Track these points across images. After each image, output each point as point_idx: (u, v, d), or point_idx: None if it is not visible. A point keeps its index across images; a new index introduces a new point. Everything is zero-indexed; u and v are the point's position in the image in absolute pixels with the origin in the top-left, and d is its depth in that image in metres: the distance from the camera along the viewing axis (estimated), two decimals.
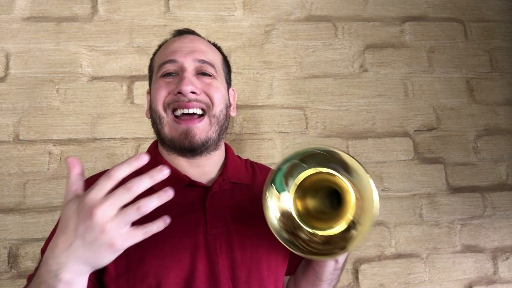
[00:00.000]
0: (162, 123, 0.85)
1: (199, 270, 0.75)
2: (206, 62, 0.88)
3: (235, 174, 0.91)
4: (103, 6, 1.52)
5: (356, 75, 1.64)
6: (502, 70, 1.73)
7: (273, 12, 1.63)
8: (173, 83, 0.84)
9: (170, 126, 0.84)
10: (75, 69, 1.47)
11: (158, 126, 0.86)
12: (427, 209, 1.59)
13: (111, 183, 0.57)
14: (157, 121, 0.86)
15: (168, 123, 0.84)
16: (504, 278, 1.58)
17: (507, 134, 1.69)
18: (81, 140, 1.43)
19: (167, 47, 0.90)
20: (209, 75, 0.88)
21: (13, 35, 1.46)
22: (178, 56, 0.86)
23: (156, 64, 0.91)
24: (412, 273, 1.53)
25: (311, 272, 0.84)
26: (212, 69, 0.88)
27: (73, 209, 0.57)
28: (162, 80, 0.86)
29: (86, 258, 0.57)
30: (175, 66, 0.86)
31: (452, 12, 1.75)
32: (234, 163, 0.95)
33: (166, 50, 0.90)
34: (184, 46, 0.88)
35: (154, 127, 0.89)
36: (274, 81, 1.58)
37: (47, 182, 1.38)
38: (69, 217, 0.57)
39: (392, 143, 1.61)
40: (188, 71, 0.85)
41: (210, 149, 0.87)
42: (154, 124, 0.88)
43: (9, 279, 1.31)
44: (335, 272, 0.83)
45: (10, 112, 1.41)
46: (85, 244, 0.56)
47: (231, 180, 0.89)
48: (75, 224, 0.56)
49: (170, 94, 0.84)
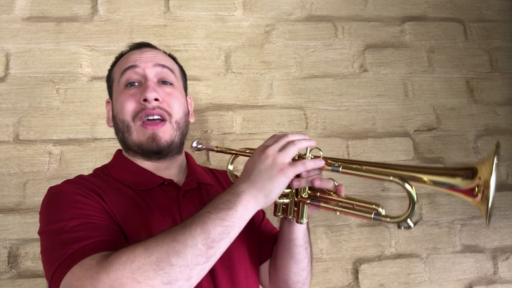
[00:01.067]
0: (130, 130, 0.92)
1: None
2: (166, 67, 0.96)
3: (200, 175, 1.01)
4: (103, 6, 1.52)
5: (356, 75, 1.64)
6: (502, 70, 1.73)
7: (273, 12, 1.63)
8: (137, 93, 0.92)
9: (138, 132, 0.91)
10: (75, 69, 1.47)
11: (126, 134, 0.93)
12: (427, 209, 1.59)
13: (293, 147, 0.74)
14: (124, 130, 0.93)
15: (135, 129, 0.91)
16: (504, 278, 1.58)
17: (507, 134, 1.69)
18: (81, 140, 1.43)
19: (127, 58, 0.97)
20: (170, 83, 0.96)
21: (13, 35, 1.46)
22: (139, 62, 0.94)
23: (116, 73, 0.97)
24: (412, 273, 1.53)
25: (287, 244, 0.90)
26: (172, 76, 0.97)
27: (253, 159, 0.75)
28: (126, 91, 0.93)
29: (262, 185, 0.71)
30: (137, 74, 0.93)
31: (452, 12, 1.75)
32: (196, 167, 1.05)
33: (126, 60, 0.97)
34: (143, 55, 0.96)
35: (119, 135, 0.96)
36: (274, 81, 1.58)
37: (47, 182, 1.37)
38: (250, 162, 0.75)
39: (392, 143, 1.61)
40: (150, 79, 0.93)
41: (173, 152, 0.96)
42: (120, 132, 0.95)
43: (9, 279, 1.31)
44: (306, 232, 0.92)
45: (10, 112, 1.41)
46: (261, 172, 0.72)
47: (198, 180, 0.99)
48: (253, 163, 0.74)
49: (137, 103, 0.91)
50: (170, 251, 0.61)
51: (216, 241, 0.64)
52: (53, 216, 0.77)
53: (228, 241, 0.67)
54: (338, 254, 1.51)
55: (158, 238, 0.64)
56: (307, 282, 0.97)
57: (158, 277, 0.59)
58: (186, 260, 0.61)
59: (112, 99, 1.00)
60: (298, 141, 0.76)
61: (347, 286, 1.49)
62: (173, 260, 0.60)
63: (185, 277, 0.61)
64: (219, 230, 0.65)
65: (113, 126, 1.00)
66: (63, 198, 0.80)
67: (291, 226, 0.88)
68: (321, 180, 0.77)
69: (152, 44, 1.04)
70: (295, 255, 0.91)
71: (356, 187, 1.56)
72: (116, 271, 0.60)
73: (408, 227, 0.70)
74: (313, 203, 0.80)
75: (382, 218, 0.72)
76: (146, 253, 0.61)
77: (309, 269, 0.96)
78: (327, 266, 1.49)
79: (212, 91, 1.54)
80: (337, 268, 1.50)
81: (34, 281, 1.32)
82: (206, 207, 0.69)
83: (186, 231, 0.63)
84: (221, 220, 0.65)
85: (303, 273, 0.94)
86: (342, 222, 1.53)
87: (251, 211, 0.70)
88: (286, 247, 0.91)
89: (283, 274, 0.94)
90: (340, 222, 1.53)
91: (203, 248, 0.63)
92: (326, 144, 1.56)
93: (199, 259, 0.62)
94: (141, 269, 0.59)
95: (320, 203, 0.80)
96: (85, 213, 0.76)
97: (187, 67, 1.53)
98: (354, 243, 1.52)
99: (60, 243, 0.70)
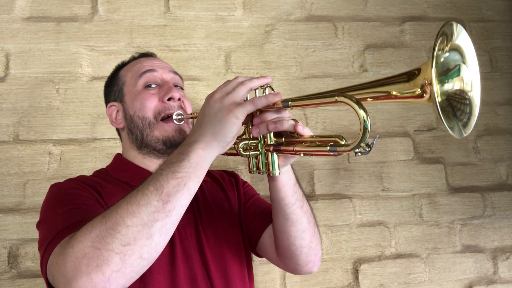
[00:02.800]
0: (152, 127, 0.95)
1: (177, 253, 0.87)
2: (178, 74, 1.05)
3: None
4: (103, 6, 1.52)
5: (356, 75, 1.64)
6: (502, 70, 1.73)
7: (273, 12, 1.63)
8: (158, 94, 0.97)
9: (162, 127, 0.95)
10: (75, 69, 1.47)
11: (146, 131, 0.96)
12: (427, 209, 1.59)
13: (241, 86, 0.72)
14: (145, 127, 0.96)
15: (159, 126, 0.95)
16: (504, 278, 1.58)
17: (507, 134, 1.69)
18: (81, 140, 1.43)
19: (140, 63, 1.03)
20: (181, 88, 1.05)
21: (13, 35, 1.46)
22: (156, 67, 1.01)
23: (130, 77, 1.01)
24: (412, 273, 1.53)
25: (277, 205, 0.86)
26: (182, 82, 1.07)
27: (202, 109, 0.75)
28: (147, 91, 0.97)
29: (213, 130, 0.70)
30: (155, 77, 0.99)
31: (452, 12, 1.75)
32: None
33: (140, 64, 1.02)
34: (156, 62, 1.04)
35: (134, 133, 0.98)
36: (274, 81, 1.58)
37: (47, 182, 1.37)
38: (201, 111, 0.74)
39: (392, 143, 1.61)
40: (170, 82, 1.00)
41: None
42: (137, 130, 0.97)
43: (9, 279, 1.31)
44: (296, 188, 0.86)
45: (10, 112, 1.41)
46: (211, 117, 0.71)
47: None
48: (203, 110, 0.73)
49: (159, 102, 0.96)
50: (124, 213, 0.62)
51: (172, 194, 0.64)
52: (46, 208, 0.83)
53: (187, 192, 0.66)
54: (338, 254, 1.51)
55: (114, 206, 0.65)
56: (314, 246, 0.91)
57: (116, 241, 0.60)
58: (141, 219, 0.62)
59: (121, 100, 1.02)
60: (249, 80, 0.73)
61: (347, 286, 1.49)
62: (128, 221, 0.62)
63: (145, 236, 0.62)
64: (173, 183, 0.65)
65: (123, 126, 1.01)
66: (59, 193, 0.85)
67: (274, 184, 0.83)
68: (276, 122, 0.73)
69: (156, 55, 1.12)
70: (289, 215, 0.85)
71: (356, 187, 1.56)
72: (78, 243, 0.62)
73: (365, 151, 0.63)
74: (276, 148, 0.76)
75: (338, 149, 0.66)
76: (102, 221, 0.63)
77: (311, 231, 0.89)
78: (327, 266, 1.49)
79: (212, 91, 1.54)
80: (337, 268, 1.50)
81: (34, 281, 1.32)
82: (160, 165, 0.70)
83: (139, 192, 0.65)
84: (173, 173, 0.66)
85: (305, 236, 0.88)
86: (342, 222, 1.53)
87: (207, 158, 0.70)
88: (278, 208, 0.86)
89: (283, 241, 0.89)
90: (340, 222, 1.53)
91: (158, 204, 0.63)
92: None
93: (157, 215, 0.63)
94: (99, 236, 0.61)
95: (281, 147, 0.75)
96: (74, 201, 0.80)
97: (187, 67, 1.54)
98: (354, 243, 1.52)
99: (47, 230, 0.74)
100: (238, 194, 1.06)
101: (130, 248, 0.61)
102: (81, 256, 0.60)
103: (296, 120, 0.74)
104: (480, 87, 0.63)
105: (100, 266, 0.59)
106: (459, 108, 0.62)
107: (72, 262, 0.61)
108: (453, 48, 0.64)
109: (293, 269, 0.96)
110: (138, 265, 0.62)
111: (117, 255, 0.60)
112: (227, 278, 0.90)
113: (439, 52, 0.61)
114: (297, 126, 0.73)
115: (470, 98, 0.63)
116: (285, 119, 0.74)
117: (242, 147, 0.77)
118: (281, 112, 0.76)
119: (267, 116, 0.75)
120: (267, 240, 0.97)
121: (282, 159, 0.79)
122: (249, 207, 1.04)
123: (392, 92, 0.65)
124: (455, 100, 0.62)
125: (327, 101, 0.68)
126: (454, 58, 0.64)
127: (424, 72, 0.61)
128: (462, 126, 0.63)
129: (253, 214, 1.02)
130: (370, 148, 0.63)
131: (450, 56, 0.63)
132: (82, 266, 0.60)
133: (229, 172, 1.14)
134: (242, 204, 1.05)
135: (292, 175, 0.85)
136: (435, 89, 0.56)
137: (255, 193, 1.10)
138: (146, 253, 0.62)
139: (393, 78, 0.66)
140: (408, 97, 0.63)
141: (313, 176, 1.54)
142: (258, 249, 1.01)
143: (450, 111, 0.62)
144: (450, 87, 0.62)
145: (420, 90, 0.61)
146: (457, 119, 0.62)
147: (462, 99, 0.63)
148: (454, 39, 0.64)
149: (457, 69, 0.64)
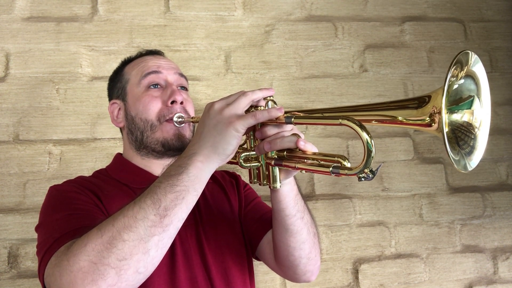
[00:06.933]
0: (154, 129, 0.95)
1: (178, 255, 0.86)
2: (183, 75, 1.03)
3: None
4: (103, 6, 1.52)
5: (356, 75, 1.64)
6: (502, 70, 1.73)
7: (273, 12, 1.63)
8: (162, 96, 0.96)
9: (163, 130, 0.94)
10: (75, 69, 1.47)
11: (147, 133, 0.95)
12: (427, 209, 1.59)
13: (243, 99, 0.70)
14: (146, 128, 0.95)
15: (161, 128, 0.94)
16: (504, 278, 1.58)
17: (507, 134, 1.69)
18: (81, 140, 1.43)
19: (145, 62, 1.01)
20: (185, 89, 1.03)
21: (13, 35, 1.46)
22: (161, 69, 0.99)
23: (134, 76, 1.00)
24: (412, 273, 1.53)
25: (278, 216, 0.84)
26: (186, 83, 1.04)
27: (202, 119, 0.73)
28: (150, 93, 0.96)
29: (213, 142, 0.68)
30: (160, 79, 0.98)
31: (452, 12, 1.75)
32: None
33: (145, 64, 1.00)
34: (162, 62, 1.02)
35: (135, 134, 0.97)
36: (274, 81, 1.58)
37: (47, 182, 1.37)
38: (200, 122, 0.72)
39: (392, 143, 1.61)
40: (174, 84, 0.98)
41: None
42: (138, 131, 0.96)
43: (9, 279, 1.31)
44: (297, 199, 0.84)
45: (10, 112, 1.41)
46: (210, 129, 0.69)
47: None
48: (202, 121, 0.71)
49: (162, 104, 0.95)
50: (121, 227, 0.61)
51: (170, 209, 0.63)
52: (45, 212, 0.82)
53: (185, 206, 0.65)
54: (338, 254, 1.51)
55: (110, 218, 0.64)
56: (313, 256, 0.89)
57: (112, 255, 0.60)
58: (138, 234, 0.61)
59: (124, 99, 1.01)
60: (251, 92, 0.71)
61: (347, 286, 1.49)
62: (124, 235, 0.61)
63: (141, 251, 0.61)
64: (171, 197, 0.64)
65: (123, 125, 1.01)
66: (58, 196, 0.84)
67: (275, 194, 0.81)
68: (271, 142, 0.71)
69: (162, 52, 1.10)
70: (289, 226, 0.84)
71: (356, 187, 1.56)
72: (74, 257, 0.61)
73: (368, 178, 0.62)
74: (277, 163, 0.74)
75: (341, 171, 0.64)
76: (98, 234, 0.62)
77: (311, 242, 0.88)
78: (327, 266, 1.49)
79: (212, 91, 1.54)
80: (337, 268, 1.50)
81: (34, 281, 1.32)
82: (158, 178, 0.68)
83: (136, 205, 0.64)
84: (171, 187, 0.65)
85: (304, 246, 0.86)
86: (342, 222, 1.53)
87: (206, 171, 0.69)
88: (278, 219, 0.84)
89: (282, 250, 0.88)
90: (340, 222, 1.53)
91: (155, 219, 0.62)
92: (326, 144, 1.56)
93: (154, 230, 0.62)
94: (95, 250, 0.60)
95: (283, 162, 0.73)
96: (73, 206, 0.79)
97: (187, 67, 1.54)
98: (354, 243, 1.52)
99: (45, 236, 0.74)
100: (239, 196, 1.06)
101: (126, 263, 0.60)
102: (76, 270, 0.60)
103: (298, 135, 0.71)
104: (488, 129, 0.61)
105: (96, 281, 0.59)
106: (462, 138, 0.62)
107: (67, 275, 0.60)
108: (468, 75, 0.61)
109: (291, 278, 0.95)
110: (133, 280, 0.62)
111: (113, 269, 0.59)
112: (227, 280, 0.90)
113: (453, 79, 0.59)
114: (298, 142, 0.70)
115: (476, 134, 0.62)
116: (285, 136, 0.71)
117: (243, 159, 0.77)
118: (283, 126, 0.73)
119: (267, 131, 0.73)
120: (265, 246, 0.97)
121: (284, 172, 0.78)
122: (249, 211, 1.04)
123: (398, 118, 0.63)
124: (461, 131, 0.62)
125: (331, 123, 0.66)
126: (469, 88, 0.62)
127: (434, 100, 0.59)
128: (466, 156, 0.62)
129: (253, 219, 1.01)
130: (373, 175, 0.62)
131: (465, 84, 0.61)
132: (77, 280, 0.59)
133: (231, 173, 1.14)
134: (242, 207, 1.05)
135: (294, 186, 0.83)
136: (443, 119, 0.55)
137: (256, 196, 1.09)
138: (142, 268, 0.62)
139: (402, 102, 0.65)
140: (415, 125, 0.62)
141: (313, 176, 1.54)
142: (257, 254, 1.01)
143: (454, 140, 0.61)
144: (459, 118, 0.61)
145: (428, 119, 0.59)
146: (460, 148, 0.62)
147: (468, 132, 0.62)
148: (470, 66, 0.61)
149: (470, 100, 0.62)
